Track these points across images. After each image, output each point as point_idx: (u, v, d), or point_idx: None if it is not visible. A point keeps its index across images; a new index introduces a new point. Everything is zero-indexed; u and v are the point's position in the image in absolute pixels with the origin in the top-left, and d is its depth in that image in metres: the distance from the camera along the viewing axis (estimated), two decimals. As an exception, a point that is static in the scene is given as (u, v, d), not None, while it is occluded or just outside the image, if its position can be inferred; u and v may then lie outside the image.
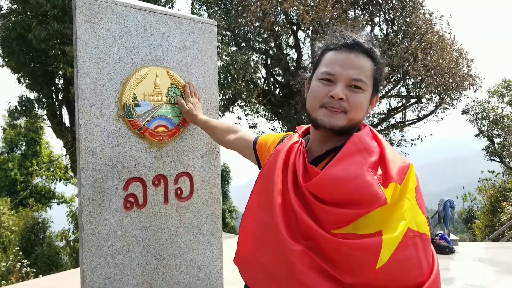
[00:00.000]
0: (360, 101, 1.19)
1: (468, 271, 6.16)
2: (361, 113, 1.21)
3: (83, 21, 1.80)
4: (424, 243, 1.07)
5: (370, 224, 1.05)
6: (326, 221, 1.08)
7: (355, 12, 12.53)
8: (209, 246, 2.27)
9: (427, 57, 11.55)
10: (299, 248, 1.08)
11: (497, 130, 19.59)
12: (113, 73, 1.89)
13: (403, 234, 1.02)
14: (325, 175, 1.11)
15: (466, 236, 23.49)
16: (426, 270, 1.05)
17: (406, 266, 1.02)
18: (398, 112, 14.25)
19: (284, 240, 1.10)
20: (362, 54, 1.21)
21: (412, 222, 1.06)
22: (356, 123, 1.22)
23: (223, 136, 1.91)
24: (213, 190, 2.30)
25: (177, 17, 2.13)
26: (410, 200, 1.08)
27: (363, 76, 1.19)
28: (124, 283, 1.93)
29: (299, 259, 1.07)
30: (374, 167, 1.10)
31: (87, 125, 1.82)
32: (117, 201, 1.92)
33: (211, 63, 2.26)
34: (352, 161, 1.11)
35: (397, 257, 1.01)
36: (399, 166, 1.10)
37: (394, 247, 1.01)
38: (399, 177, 1.08)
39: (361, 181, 1.07)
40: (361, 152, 1.13)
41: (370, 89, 1.22)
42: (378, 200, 1.03)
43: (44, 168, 19.38)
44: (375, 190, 1.05)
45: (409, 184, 1.10)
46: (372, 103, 1.27)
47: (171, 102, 2.08)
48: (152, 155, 2.04)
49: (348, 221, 1.06)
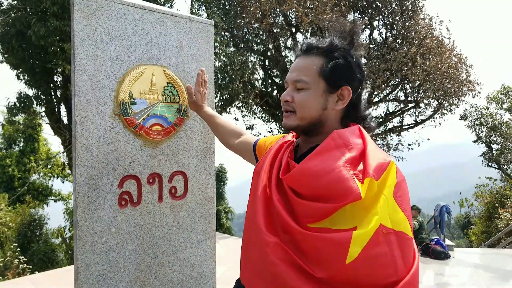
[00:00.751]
0: (302, 99, 1.25)
1: (463, 277, 6.17)
2: (309, 110, 1.25)
3: (81, 18, 1.81)
4: (401, 241, 1.05)
5: (346, 219, 1.04)
6: (303, 215, 1.10)
7: (354, 15, 12.55)
8: (202, 245, 2.28)
9: (426, 62, 11.57)
10: (273, 240, 1.10)
11: (495, 136, 19.62)
12: (110, 70, 1.90)
13: (374, 231, 1.01)
14: (301, 169, 1.13)
15: (463, 242, 23.50)
16: (401, 269, 1.03)
17: (377, 263, 1.01)
18: (395, 116, 14.26)
19: (261, 232, 1.13)
20: (312, 55, 1.26)
21: (386, 219, 1.04)
22: (313, 120, 1.26)
23: (228, 138, 1.91)
24: (207, 189, 2.31)
25: (175, 16, 2.14)
26: (386, 196, 1.06)
27: (303, 75, 1.24)
28: (117, 280, 1.94)
29: (272, 251, 1.09)
30: (352, 162, 1.10)
31: (83, 122, 1.83)
32: (112, 198, 1.93)
33: (207, 63, 2.27)
34: (329, 156, 1.12)
35: (367, 253, 1.00)
36: (378, 162, 1.10)
37: (364, 243, 1.00)
38: (376, 173, 1.07)
39: (335, 175, 1.07)
40: (340, 148, 1.13)
41: (318, 85, 1.24)
42: (351, 195, 1.03)
43: (42, 165, 19.35)
44: (348, 184, 1.04)
45: (387, 181, 1.08)
46: (341, 97, 1.26)
47: (167, 101, 2.09)
48: (147, 153, 2.05)
49: (322, 216, 1.07)
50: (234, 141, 1.86)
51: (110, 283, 1.92)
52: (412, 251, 1.09)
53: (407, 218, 1.09)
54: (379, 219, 1.02)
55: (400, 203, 1.09)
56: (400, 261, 1.03)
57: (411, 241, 1.09)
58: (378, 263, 1.01)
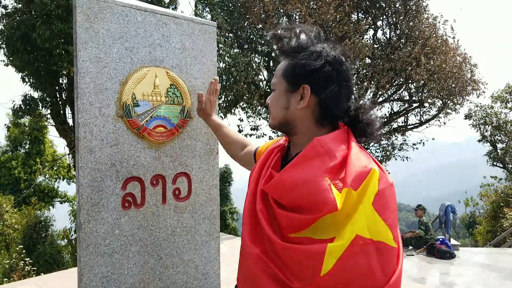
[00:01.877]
0: (271, 100, 1.33)
1: (468, 276, 6.14)
2: (275, 110, 1.30)
3: (83, 21, 1.82)
4: (380, 251, 1.02)
5: (327, 229, 1.03)
6: (284, 225, 1.10)
7: (358, 15, 12.52)
8: (206, 247, 2.28)
9: (430, 62, 11.52)
10: (255, 252, 1.12)
11: (500, 136, 19.53)
12: (113, 72, 1.91)
13: (350, 242, 0.99)
14: (280, 178, 1.14)
15: (468, 241, 23.38)
16: (380, 280, 1.01)
17: (353, 274, 1.00)
18: (400, 116, 14.22)
19: (245, 243, 1.17)
20: (284, 58, 1.30)
21: (364, 229, 1.01)
22: (283, 120, 1.29)
23: (234, 150, 1.93)
24: (211, 191, 2.30)
25: (177, 18, 2.14)
26: (364, 206, 1.04)
27: (274, 78, 1.31)
28: (121, 282, 1.94)
29: (254, 262, 1.12)
30: (333, 171, 1.09)
31: (86, 124, 1.84)
32: (115, 200, 1.93)
33: (210, 64, 2.27)
34: (308, 166, 1.11)
35: (342, 265, 0.99)
36: (357, 171, 1.07)
37: (339, 254, 0.99)
38: (355, 182, 1.05)
39: (313, 186, 1.06)
40: (321, 156, 1.12)
41: (282, 86, 1.28)
42: (326, 206, 1.02)
43: (48, 167, 19.42)
44: (325, 195, 1.03)
45: (367, 190, 1.05)
46: (303, 97, 1.23)
47: (170, 102, 2.09)
48: (150, 155, 2.05)
49: (302, 226, 1.06)
50: (239, 153, 1.87)
51: (114, 285, 1.92)
52: (395, 260, 1.07)
53: (389, 227, 1.06)
54: (355, 230, 1.01)
55: (381, 212, 1.06)
56: (378, 271, 1.01)
57: (393, 250, 1.06)
58: (354, 274, 1.00)
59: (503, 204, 16.21)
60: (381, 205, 1.06)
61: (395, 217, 1.09)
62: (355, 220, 1.02)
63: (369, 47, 10.62)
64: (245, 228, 1.19)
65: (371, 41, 12.49)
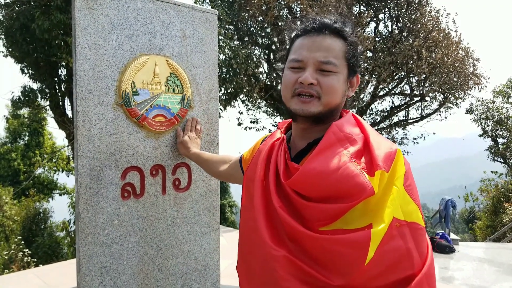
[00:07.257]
0: (332, 83, 1.12)
1: (468, 271, 6.14)
2: (336, 96, 1.14)
3: (82, 7, 1.78)
4: (414, 232, 1.01)
5: (360, 217, 0.98)
6: (312, 219, 1.04)
7: (360, 8, 12.44)
8: (206, 238, 2.26)
9: (432, 55, 11.46)
10: (281, 254, 1.03)
11: (501, 131, 19.49)
12: (112, 60, 1.87)
13: (389, 225, 0.96)
14: (305, 170, 1.05)
15: (467, 236, 23.43)
16: (417, 262, 0.99)
17: (393, 258, 0.96)
18: (401, 110, 14.17)
19: (266, 246, 1.06)
20: (330, 35, 1.14)
21: (398, 211, 0.99)
22: (333, 108, 1.16)
23: (216, 167, 1.85)
24: (211, 181, 2.28)
25: (178, 5, 2.10)
26: (398, 187, 1.01)
27: (332, 57, 1.12)
28: (120, 273, 1.92)
29: (281, 265, 1.02)
30: (357, 156, 1.04)
31: (85, 113, 1.81)
32: (115, 190, 1.90)
33: (211, 53, 2.24)
34: (333, 152, 1.05)
35: (382, 249, 0.95)
36: (385, 152, 1.04)
37: (379, 239, 0.95)
38: (386, 164, 1.02)
39: (344, 172, 1.00)
40: (342, 142, 1.07)
41: (343, 70, 1.15)
42: (364, 191, 0.97)
43: (47, 159, 19.41)
44: (360, 180, 0.98)
45: (397, 171, 1.03)
46: (352, 85, 1.20)
47: (170, 91, 2.06)
48: (150, 145, 2.02)
49: (334, 217, 1.01)
50: (223, 168, 1.79)
51: (113, 275, 1.90)
52: (425, 241, 1.05)
53: (418, 207, 1.05)
54: (392, 213, 0.98)
55: (410, 192, 1.05)
56: (415, 253, 0.99)
57: (424, 230, 1.04)
58: (393, 258, 0.96)
59: (503, 199, 16.21)
60: (409, 185, 1.05)
61: (419, 197, 1.09)
62: (391, 202, 0.99)
63: (370, 40, 10.56)
64: (263, 230, 1.08)
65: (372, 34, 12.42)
